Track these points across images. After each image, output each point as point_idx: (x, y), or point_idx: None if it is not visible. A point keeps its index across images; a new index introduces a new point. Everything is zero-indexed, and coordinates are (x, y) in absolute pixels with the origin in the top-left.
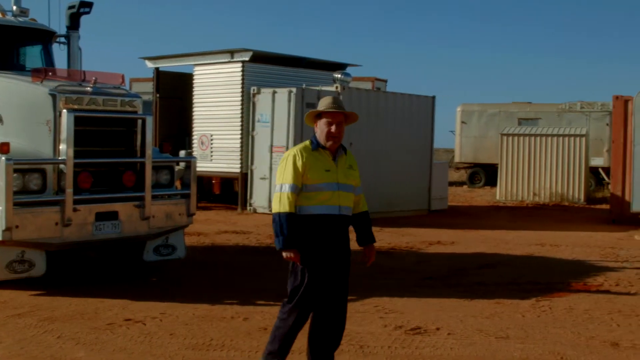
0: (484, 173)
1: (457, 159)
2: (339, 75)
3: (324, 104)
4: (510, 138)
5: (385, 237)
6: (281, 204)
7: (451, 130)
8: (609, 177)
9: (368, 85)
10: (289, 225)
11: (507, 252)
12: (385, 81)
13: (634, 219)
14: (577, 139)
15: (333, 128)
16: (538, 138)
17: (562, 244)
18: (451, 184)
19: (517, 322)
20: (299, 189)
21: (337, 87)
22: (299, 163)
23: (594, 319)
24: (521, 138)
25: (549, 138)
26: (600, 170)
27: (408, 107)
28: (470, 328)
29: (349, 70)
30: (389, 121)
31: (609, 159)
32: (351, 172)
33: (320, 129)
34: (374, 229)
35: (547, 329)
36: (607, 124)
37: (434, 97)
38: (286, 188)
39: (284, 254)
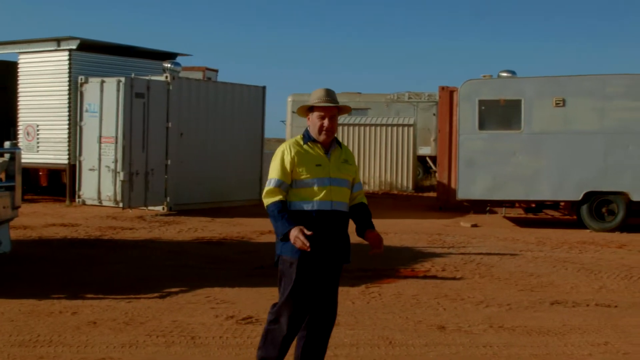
0: None
1: None
2: (169, 65)
3: (316, 96)
4: (340, 128)
5: (217, 228)
6: (269, 196)
7: (282, 120)
8: (436, 166)
9: (199, 75)
10: (282, 209)
11: None
12: (216, 71)
13: (460, 206)
14: (405, 128)
15: (326, 122)
16: (367, 128)
17: (391, 231)
18: None
19: (347, 309)
20: (285, 185)
21: (167, 77)
22: (287, 158)
23: (421, 303)
24: (351, 128)
25: (378, 128)
26: (428, 159)
27: (239, 97)
28: None
29: (179, 59)
30: (220, 111)
31: (435, 148)
32: (346, 166)
33: (313, 122)
34: (205, 219)
35: (376, 315)
36: (434, 114)
37: (264, 87)
38: (272, 182)
39: (292, 234)
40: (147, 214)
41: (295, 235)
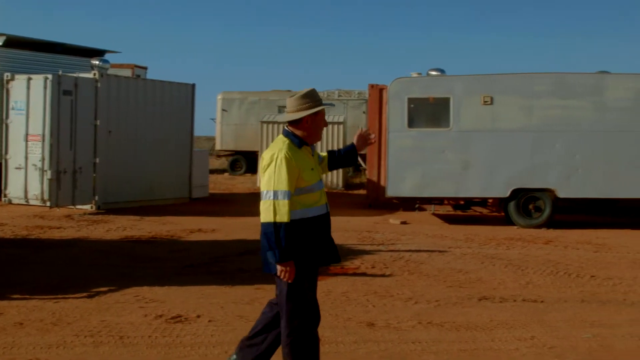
0: (245, 160)
1: (218, 147)
2: (97, 62)
3: (314, 98)
4: (270, 126)
5: (146, 226)
6: (277, 213)
7: (212, 118)
8: (365, 164)
9: (128, 73)
10: (287, 236)
11: None
12: (146, 68)
13: (389, 203)
14: (335, 126)
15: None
16: None
17: None
18: (212, 171)
19: None
20: (291, 195)
21: (95, 74)
22: (292, 166)
23: (351, 300)
24: (281, 126)
25: None
26: (358, 156)
27: (168, 95)
28: (231, 314)
29: (107, 56)
30: (149, 109)
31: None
32: (319, 166)
33: (317, 124)
34: (134, 218)
35: None
36: (364, 112)
37: (194, 85)
38: (282, 195)
39: (280, 268)
40: (75, 213)
41: (284, 270)
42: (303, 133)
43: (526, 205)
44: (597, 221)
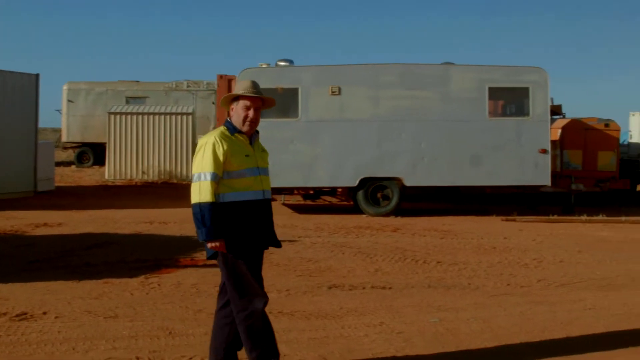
0: (93, 152)
1: (64, 139)
2: None
3: (242, 87)
4: (118, 117)
5: None
6: (201, 193)
7: (57, 109)
8: None
9: None
10: (212, 215)
11: (116, 231)
12: None
13: None
14: (184, 117)
15: (251, 113)
16: (146, 116)
17: (171, 220)
18: (59, 164)
19: (126, 301)
20: (219, 178)
21: None
22: (220, 150)
23: (201, 292)
24: (129, 117)
25: (157, 116)
26: None
27: (10, 85)
28: (78, 310)
29: None
30: None
31: None
32: (265, 155)
33: (237, 113)
34: None
35: (156, 305)
36: (213, 103)
37: (37, 75)
38: (207, 177)
39: (209, 245)
40: None
41: (213, 246)
42: (234, 120)
43: (374, 194)
44: (443, 208)
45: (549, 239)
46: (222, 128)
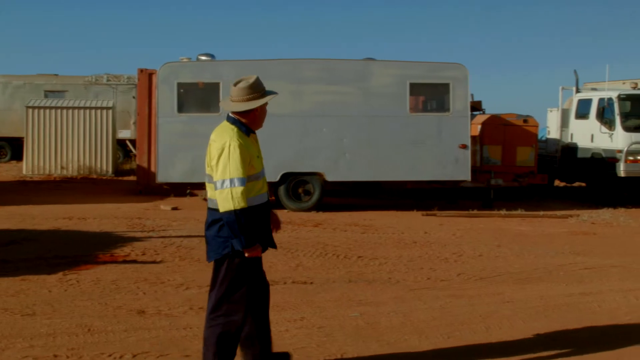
0: (10, 147)
1: None
2: None
3: (263, 86)
4: (36, 111)
5: None
6: (235, 200)
7: None
8: (135, 149)
9: None
10: (248, 220)
11: (34, 227)
12: None
13: (160, 189)
14: (104, 111)
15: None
16: (65, 111)
17: (90, 216)
18: None
19: (43, 298)
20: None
21: None
22: (245, 153)
23: (121, 288)
24: (47, 111)
25: (76, 111)
26: (128, 142)
27: None
28: None
29: None
30: None
31: (135, 131)
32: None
33: (263, 112)
34: None
35: (74, 302)
36: (134, 97)
37: None
38: (238, 183)
39: (247, 253)
40: None
41: (253, 254)
42: (249, 121)
43: (296, 189)
44: (364, 203)
45: (468, 233)
46: (234, 128)
